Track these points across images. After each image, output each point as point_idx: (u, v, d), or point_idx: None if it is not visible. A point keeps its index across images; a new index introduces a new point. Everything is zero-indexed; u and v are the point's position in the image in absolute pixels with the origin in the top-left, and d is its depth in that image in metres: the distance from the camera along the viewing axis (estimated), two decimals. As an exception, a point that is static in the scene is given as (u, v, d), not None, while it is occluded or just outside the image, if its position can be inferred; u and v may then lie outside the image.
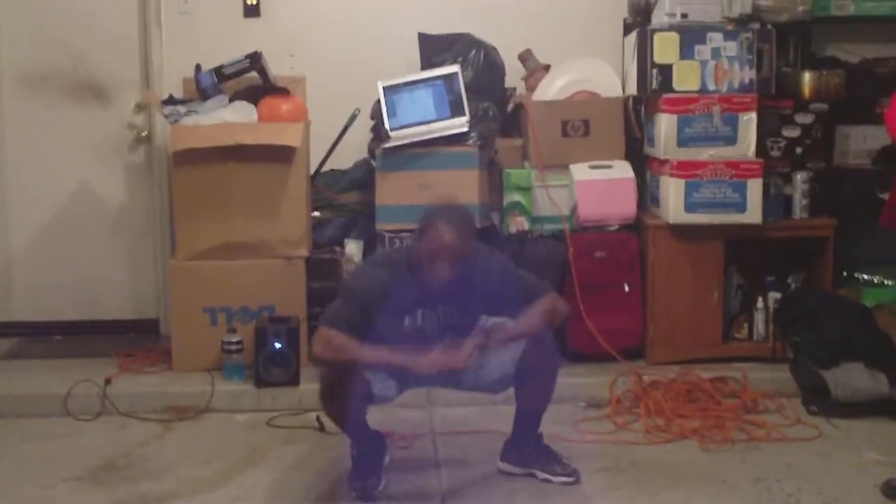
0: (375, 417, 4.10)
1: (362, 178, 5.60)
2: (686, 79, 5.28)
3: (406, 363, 3.81)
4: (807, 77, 5.47)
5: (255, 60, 5.39)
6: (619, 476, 4.21)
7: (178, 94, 5.47)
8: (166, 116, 5.28)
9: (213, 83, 5.35)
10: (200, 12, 5.85)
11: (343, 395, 3.82)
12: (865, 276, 5.55)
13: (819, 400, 4.86)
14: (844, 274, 5.57)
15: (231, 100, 5.34)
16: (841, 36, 5.92)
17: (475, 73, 5.55)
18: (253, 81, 5.44)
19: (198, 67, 5.38)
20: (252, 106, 5.33)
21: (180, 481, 4.19)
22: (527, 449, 4.18)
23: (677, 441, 4.57)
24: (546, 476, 4.12)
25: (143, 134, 5.89)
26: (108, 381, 5.02)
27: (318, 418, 4.73)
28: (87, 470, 4.31)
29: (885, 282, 5.45)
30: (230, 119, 5.23)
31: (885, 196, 4.80)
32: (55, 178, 5.92)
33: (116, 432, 4.74)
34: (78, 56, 5.86)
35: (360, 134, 5.69)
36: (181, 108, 5.26)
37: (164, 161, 5.77)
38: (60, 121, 5.88)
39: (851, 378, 4.81)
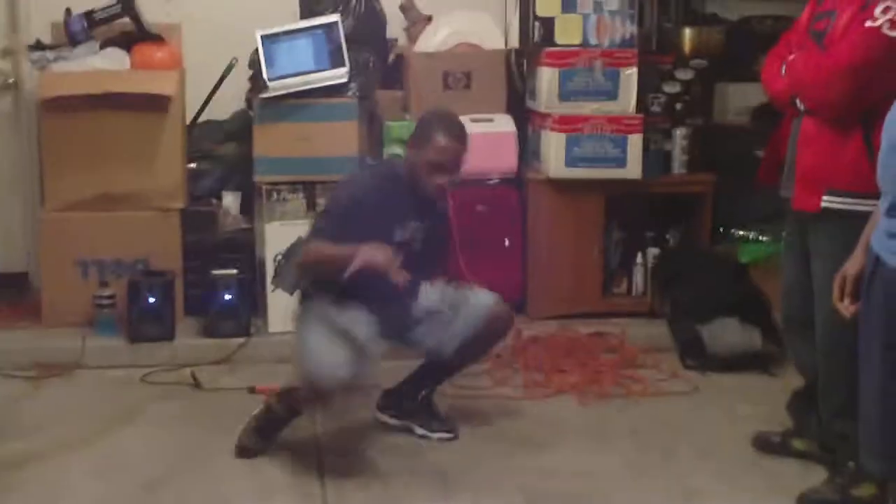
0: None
1: (240, 130, 5.47)
2: (568, 32, 5.26)
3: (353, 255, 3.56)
4: (687, 33, 5.53)
5: (127, 6, 5.22)
6: (497, 431, 4.21)
7: (47, 40, 5.26)
8: (33, 62, 5.12)
9: (83, 28, 5.18)
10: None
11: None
12: (742, 233, 5.62)
13: (694, 354, 4.93)
14: (721, 230, 5.64)
15: (102, 46, 5.18)
16: (722, -7, 5.98)
17: (356, 22, 5.43)
18: (125, 28, 5.28)
19: (67, 11, 5.20)
20: (125, 53, 5.18)
21: (51, 440, 4.07)
22: (411, 403, 4.13)
23: (556, 396, 4.59)
24: (424, 432, 4.09)
25: (10, 81, 5.66)
26: (-28, 338, 4.87)
27: (192, 374, 4.65)
28: (-49, 432, 4.17)
29: (761, 238, 5.53)
30: (101, 66, 5.09)
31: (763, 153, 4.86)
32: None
33: (-18, 391, 4.59)
34: (-63, 0, 5.59)
35: (239, 84, 5.56)
36: (49, 55, 5.10)
37: (32, 109, 5.55)
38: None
39: (725, 333, 4.89)
